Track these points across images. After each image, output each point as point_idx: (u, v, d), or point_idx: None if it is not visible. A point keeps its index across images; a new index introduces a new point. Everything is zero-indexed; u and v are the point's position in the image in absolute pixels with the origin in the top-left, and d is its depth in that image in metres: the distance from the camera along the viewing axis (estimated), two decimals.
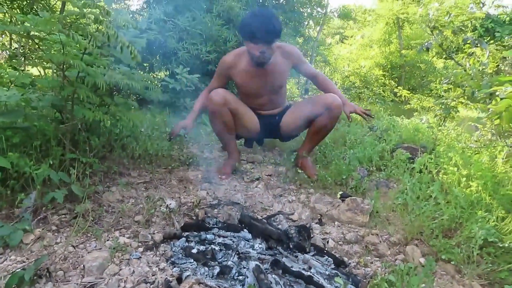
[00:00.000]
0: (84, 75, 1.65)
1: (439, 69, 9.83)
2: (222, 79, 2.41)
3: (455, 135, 3.16)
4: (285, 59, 2.32)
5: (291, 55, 2.34)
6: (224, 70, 2.35)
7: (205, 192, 2.09)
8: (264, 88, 2.34)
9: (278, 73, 2.30)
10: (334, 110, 2.25)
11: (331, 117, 2.28)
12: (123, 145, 2.27)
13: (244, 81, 2.31)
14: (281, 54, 2.30)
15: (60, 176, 1.66)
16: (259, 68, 2.23)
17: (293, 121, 2.44)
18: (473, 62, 2.89)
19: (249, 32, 2.05)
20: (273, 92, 2.39)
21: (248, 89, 2.35)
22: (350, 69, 7.98)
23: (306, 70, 2.45)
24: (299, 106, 2.46)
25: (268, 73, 2.28)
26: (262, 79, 2.29)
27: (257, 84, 2.32)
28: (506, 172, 2.08)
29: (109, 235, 1.55)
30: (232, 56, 2.32)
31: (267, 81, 2.31)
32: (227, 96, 2.24)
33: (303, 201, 2.10)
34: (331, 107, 2.25)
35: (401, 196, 2.00)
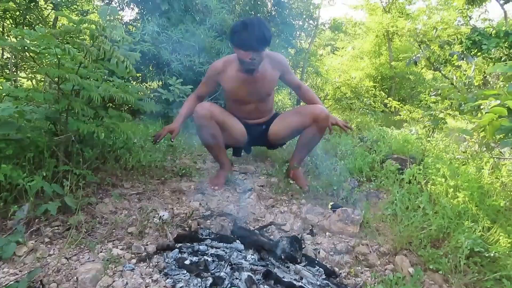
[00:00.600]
0: (79, 88, 1.67)
1: (428, 80, 10.02)
2: (211, 85, 2.41)
3: (443, 146, 3.23)
4: (273, 68, 2.34)
5: (279, 64, 2.36)
6: (213, 75, 2.35)
7: (198, 203, 2.11)
8: (252, 96, 2.36)
9: (266, 81, 2.32)
10: (321, 121, 2.29)
11: (319, 128, 2.32)
12: (116, 157, 2.28)
13: (232, 88, 2.33)
14: (269, 62, 2.32)
15: (53, 188, 1.67)
16: (248, 75, 2.25)
17: (281, 130, 2.46)
18: (459, 75, 2.97)
19: (239, 39, 2.07)
20: (260, 100, 2.41)
21: (236, 96, 2.36)
22: (341, 80, 8.10)
23: (291, 80, 2.48)
24: (287, 116, 2.48)
25: (256, 80, 2.29)
26: (250, 86, 2.31)
27: (245, 91, 2.33)
28: (492, 183, 2.13)
29: (102, 246, 1.56)
30: (222, 62, 2.34)
31: (255, 89, 2.32)
32: (212, 109, 2.26)
33: (294, 211, 2.13)
34: (318, 118, 2.28)
35: (390, 207, 2.04)
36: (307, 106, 2.42)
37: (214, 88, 2.46)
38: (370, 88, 7.76)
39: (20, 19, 4.73)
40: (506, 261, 1.49)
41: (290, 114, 2.48)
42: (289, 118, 2.44)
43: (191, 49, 4.21)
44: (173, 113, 3.98)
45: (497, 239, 1.64)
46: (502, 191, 2.06)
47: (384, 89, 9.65)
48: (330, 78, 8.58)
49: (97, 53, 1.51)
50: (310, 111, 2.32)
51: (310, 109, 2.34)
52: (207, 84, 2.42)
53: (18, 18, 4.71)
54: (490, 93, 1.94)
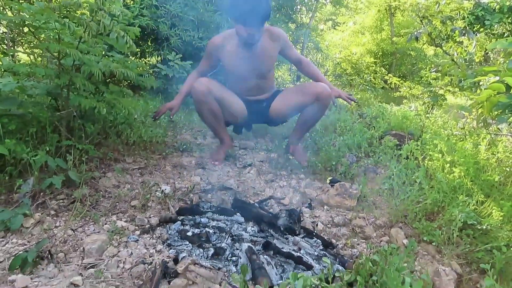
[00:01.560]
0: (79, 63, 1.67)
1: (430, 57, 9.91)
2: (211, 60, 2.39)
3: (441, 123, 3.25)
4: (273, 43, 2.32)
5: (279, 38, 2.34)
6: (212, 51, 2.33)
7: (199, 178, 2.15)
8: (252, 72, 2.34)
9: (266, 56, 2.31)
10: (323, 99, 2.28)
11: (321, 106, 2.32)
12: (117, 132, 2.31)
13: (231, 63, 2.31)
14: (269, 37, 2.30)
15: (57, 162, 1.70)
16: (247, 50, 2.24)
17: (282, 107, 2.44)
18: (460, 51, 2.95)
19: (238, 14, 2.05)
20: (260, 76, 2.39)
21: (236, 71, 2.34)
22: (341, 56, 8.02)
23: (291, 55, 2.45)
24: (289, 93, 2.46)
25: (256, 56, 2.27)
26: (250, 62, 2.29)
27: (244, 67, 2.31)
28: (488, 159, 2.17)
29: (107, 219, 1.60)
30: (221, 38, 2.31)
31: (255, 64, 2.31)
32: (210, 85, 2.25)
33: (294, 186, 2.18)
34: (320, 96, 2.27)
35: (387, 182, 2.09)
36: (310, 84, 2.41)
37: (214, 64, 2.43)
38: (370, 64, 7.70)
39: None
40: (497, 233, 1.54)
41: (292, 92, 2.45)
42: (291, 95, 2.42)
43: (190, 24, 4.14)
44: (172, 89, 3.97)
45: (490, 212, 1.69)
46: (497, 167, 2.11)
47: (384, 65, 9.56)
48: (331, 54, 8.50)
49: (97, 28, 1.50)
50: (313, 89, 2.31)
51: (312, 87, 2.32)
52: (207, 60, 2.41)
53: None
54: (489, 70, 1.95)
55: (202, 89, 2.22)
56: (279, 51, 2.39)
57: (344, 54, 8.07)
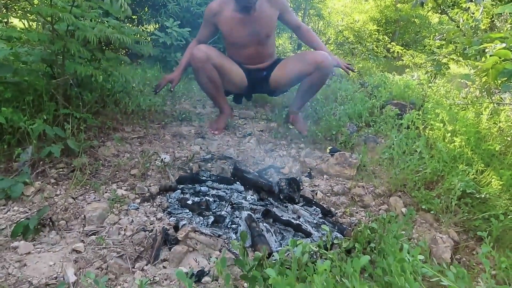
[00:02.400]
0: (73, 29, 1.62)
1: (434, 24, 9.65)
2: (209, 28, 2.35)
3: (444, 92, 3.20)
4: (271, 7, 2.27)
5: (276, 2, 2.29)
6: (210, 17, 2.28)
7: (198, 147, 2.14)
8: (251, 37, 2.28)
9: (264, 20, 2.25)
10: (324, 68, 2.24)
11: (321, 75, 2.28)
12: (115, 101, 2.28)
13: (230, 29, 2.26)
14: (267, 1, 2.25)
15: (55, 131, 1.69)
16: (245, 14, 2.18)
17: (282, 76, 2.40)
18: (466, 18, 2.87)
19: None
20: (260, 42, 2.33)
21: (234, 38, 2.29)
22: (344, 23, 7.82)
23: (290, 20, 2.40)
24: (289, 62, 2.41)
25: (254, 20, 2.22)
26: (248, 27, 2.24)
27: (243, 32, 2.26)
28: (489, 128, 2.15)
29: (107, 187, 1.61)
30: (218, 3, 2.26)
31: (254, 29, 2.25)
32: (209, 52, 2.20)
33: (293, 155, 2.17)
34: (321, 65, 2.23)
35: (387, 151, 2.08)
36: (310, 53, 2.35)
37: (213, 31, 2.38)
38: (373, 32, 7.51)
39: None
40: (495, 201, 1.55)
41: (292, 61, 2.40)
42: (291, 64, 2.37)
43: None
44: (171, 57, 3.89)
45: (489, 181, 1.69)
46: (498, 136, 2.09)
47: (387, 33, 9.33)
48: (333, 21, 8.27)
49: None
50: (313, 58, 2.26)
51: (312, 56, 2.28)
52: (206, 28, 2.36)
53: None
54: (496, 36, 1.89)
55: (201, 56, 2.17)
56: (278, 16, 2.32)
57: (347, 22, 7.86)
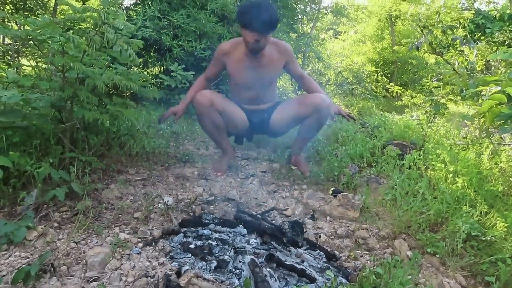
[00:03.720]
0: (83, 76, 1.69)
1: (431, 65, 9.94)
2: (218, 66, 2.41)
3: (444, 132, 3.25)
4: (279, 55, 2.34)
5: (285, 52, 2.37)
6: (220, 56, 2.35)
7: (201, 189, 2.15)
8: (256, 81, 2.35)
9: (271, 67, 2.33)
10: (323, 111, 2.28)
11: (320, 117, 2.31)
12: (120, 143, 2.32)
13: (237, 70, 2.33)
14: (276, 49, 2.33)
15: (60, 174, 1.71)
16: (253, 59, 2.26)
17: (282, 118, 2.43)
18: (461, 60, 2.97)
19: (246, 20, 2.08)
20: (263, 86, 2.40)
21: (240, 79, 2.36)
22: (343, 65, 8.06)
23: (295, 70, 2.47)
24: (289, 104, 2.46)
25: (261, 65, 2.29)
26: (255, 71, 2.30)
27: (249, 76, 2.32)
28: (491, 169, 2.17)
29: (110, 231, 1.60)
30: (229, 44, 2.34)
31: (260, 74, 2.32)
32: (212, 97, 2.25)
33: (296, 197, 2.17)
34: (320, 108, 2.27)
35: (390, 192, 2.08)
36: (309, 96, 2.39)
37: (221, 70, 2.45)
38: (372, 73, 7.73)
39: (20, 4, 4.70)
40: (501, 244, 1.53)
41: (292, 103, 2.45)
42: (291, 107, 2.41)
43: (192, 35, 4.18)
44: (175, 99, 3.99)
45: (494, 223, 1.68)
46: (500, 177, 2.10)
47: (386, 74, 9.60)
48: (332, 63, 8.53)
49: (101, 42, 1.52)
50: (311, 101, 2.30)
51: (311, 99, 2.32)
52: (215, 65, 2.43)
53: (18, 4, 4.67)
54: (491, 79, 1.95)
55: (204, 101, 2.23)
56: (284, 65, 2.41)
57: (346, 63, 8.10)
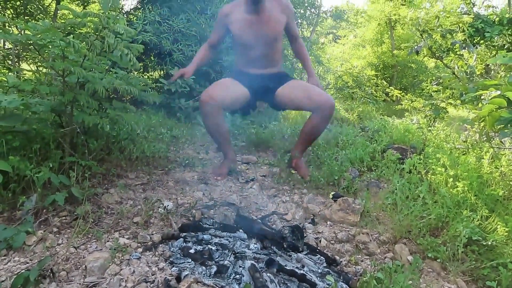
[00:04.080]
0: (83, 80, 1.69)
1: (431, 69, 9.97)
2: (220, 30, 2.44)
3: (444, 136, 3.25)
4: (281, 12, 2.37)
5: (287, 8, 2.40)
6: (221, 19, 2.39)
7: (201, 193, 2.15)
8: (259, 39, 2.34)
9: (273, 23, 2.33)
10: (326, 110, 2.29)
11: (324, 116, 2.31)
12: (120, 148, 2.32)
13: (239, 30, 2.34)
14: (278, 5, 2.36)
15: (60, 179, 1.71)
16: (254, 15, 2.28)
17: (287, 99, 2.43)
18: (461, 64, 2.97)
19: None
20: (267, 44, 2.38)
21: (243, 38, 2.35)
22: (342, 69, 8.09)
23: (292, 29, 2.50)
24: (299, 90, 2.42)
25: (263, 22, 2.30)
26: (257, 28, 2.31)
27: (251, 34, 2.32)
28: (491, 173, 2.16)
29: (109, 236, 1.60)
30: (229, 6, 2.39)
31: (262, 31, 2.32)
32: (218, 97, 2.22)
33: (296, 201, 2.17)
34: (325, 106, 2.28)
35: (390, 196, 2.07)
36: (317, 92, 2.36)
37: (224, 34, 2.47)
38: (371, 77, 7.75)
39: (21, 9, 4.72)
40: (503, 249, 1.53)
41: (302, 90, 2.41)
42: (299, 93, 2.39)
43: (192, 39, 4.19)
44: (175, 103, 4.00)
45: (495, 227, 1.67)
46: (501, 181, 2.09)
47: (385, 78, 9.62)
48: (332, 67, 8.56)
49: (101, 46, 1.52)
50: (318, 95, 2.31)
51: (317, 94, 2.33)
52: (217, 30, 2.47)
53: (19, 8, 4.69)
54: (490, 83, 1.95)
55: (211, 102, 2.21)
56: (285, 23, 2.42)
57: (345, 67, 8.13)
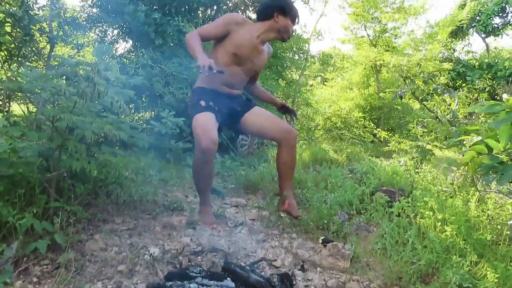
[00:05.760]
0: (73, 126, 1.70)
1: (416, 110, 10.26)
2: (221, 31, 2.34)
3: (431, 178, 3.28)
4: (267, 56, 2.61)
5: (269, 53, 2.66)
6: (229, 23, 2.34)
7: (189, 239, 2.10)
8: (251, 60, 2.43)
9: (262, 59, 2.52)
10: (291, 140, 2.45)
11: (290, 146, 2.45)
12: (108, 191, 2.29)
13: (244, 42, 2.34)
14: (267, 50, 2.58)
15: (43, 225, 1.66)
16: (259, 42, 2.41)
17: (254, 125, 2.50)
18: (443, 109, 3.08)
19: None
20: (250, 71, 2.51)
21: (242, 51, 2.35)
22: (331, 110, 8.28)
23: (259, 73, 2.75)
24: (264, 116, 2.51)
25: (260, 52, 2.45)
26: (254, 52, 2.41)
27: (251, 52, 2.39)
28: (478, 216, 2.18)
29: (92, 286, 1.54)
30: (243, 18, 2.45)
31: (257, 57, 2.44)
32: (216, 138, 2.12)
33: (285, 246, 2.14)
34: (289, 136, 2.44)
35: (380, 241, 2.06)
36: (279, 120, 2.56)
37: (220, 36, 2.36)
38: (359, 119, 7.93)
39: (15, 51, 4.80)
40: None
41: (267, 118, 2.50)
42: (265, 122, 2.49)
43: (184, 82, 4.29)
44: (165, 144, 4.00)
45: (485, 274, 1.66)
46: (488, 225, 2.11)
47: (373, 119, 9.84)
48: (320, 108, 8.77)
49: (92, 94, 1.55)
50: (282, 125, 2.49)
51: (281, 124, 2.51)
52: (217, 29, 2.34)
53: (13, 51, 4.77)
54: (472, 129, 2.02)
55: (214, 148, 2.11)
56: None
57: (334, 109, 8.33)
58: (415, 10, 10.37)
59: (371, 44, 10.31)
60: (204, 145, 2.06)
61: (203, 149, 2.08)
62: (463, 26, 12.40)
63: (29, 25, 4.46)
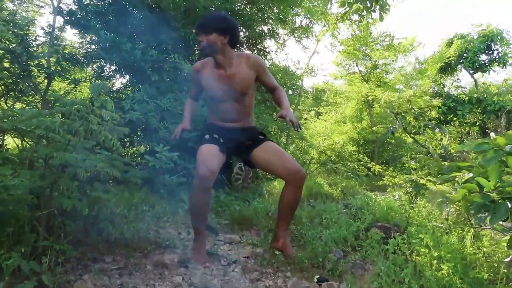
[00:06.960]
0: (65, 164, 1.70)
1: (409, 143, 10.38)
2: (196, 85, 2.60)
3: (426, 213, 3.27)
4: (249, 68, 2.42)
5: (254, 65, 2.44)
6: (194, 75, 2.54)
7: (180, 278, 2.05)
8: (228, 93, 2.41)
9: (240, 78, 2.40)
10: (298, 181, 2.38)
11: (296, 186, 2.39)
12: (99, 229, 2.25)
13: (208, 84, 2.44)
14: (245, 62, 2.43)
15: (31, 265, 1.62)
16: (221, 70, 2.39)
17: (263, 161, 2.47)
18: (435, 144, 3.12)
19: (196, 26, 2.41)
20: (236, 99, 2.44)
21: (212, 91, 2.44)
22: (325, 144, 8.36)
23: (268, 82, 2.57)
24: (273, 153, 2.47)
25: (230, 76, 2.39)
26: (224, 82, 2.39)
27: (220, 88, 2.40)
28: (475, 254, 2.16)
29: None
30: (200, 63, 2.52)
31: (230, 85, 2.40)
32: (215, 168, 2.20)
33: (280, 285, 2.08)
34: (296, 177, 2.36)
35: (376, 280, 2.02)
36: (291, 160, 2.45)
37: (200, 88, 2.57)
38: (353, 152, 7.99)
39: (12, 86, 4.84)
40: None
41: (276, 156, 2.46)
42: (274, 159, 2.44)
43: (179, 117, 4.32)
44: (159, 179, 3.98)
45: None
46: (485, 262, 2.08)
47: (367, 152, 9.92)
48: (314, 142, 8.83)
49: (85, 131, 1.56)
50: (291, 163, 2.39)
51: (290, 162, 2.41)
52: (194, 85, 2.65)
53: (10, 86, 4.82)
54: (463, 165, 2.04)
55: (212, 177, 2.16)
56: (256, 78, 2.49)
57: (328, 143, 8.40)
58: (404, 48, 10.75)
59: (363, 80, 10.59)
60: (201, 173, 2.16)
61: (200, 176, 2.16)
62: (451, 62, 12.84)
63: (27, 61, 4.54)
